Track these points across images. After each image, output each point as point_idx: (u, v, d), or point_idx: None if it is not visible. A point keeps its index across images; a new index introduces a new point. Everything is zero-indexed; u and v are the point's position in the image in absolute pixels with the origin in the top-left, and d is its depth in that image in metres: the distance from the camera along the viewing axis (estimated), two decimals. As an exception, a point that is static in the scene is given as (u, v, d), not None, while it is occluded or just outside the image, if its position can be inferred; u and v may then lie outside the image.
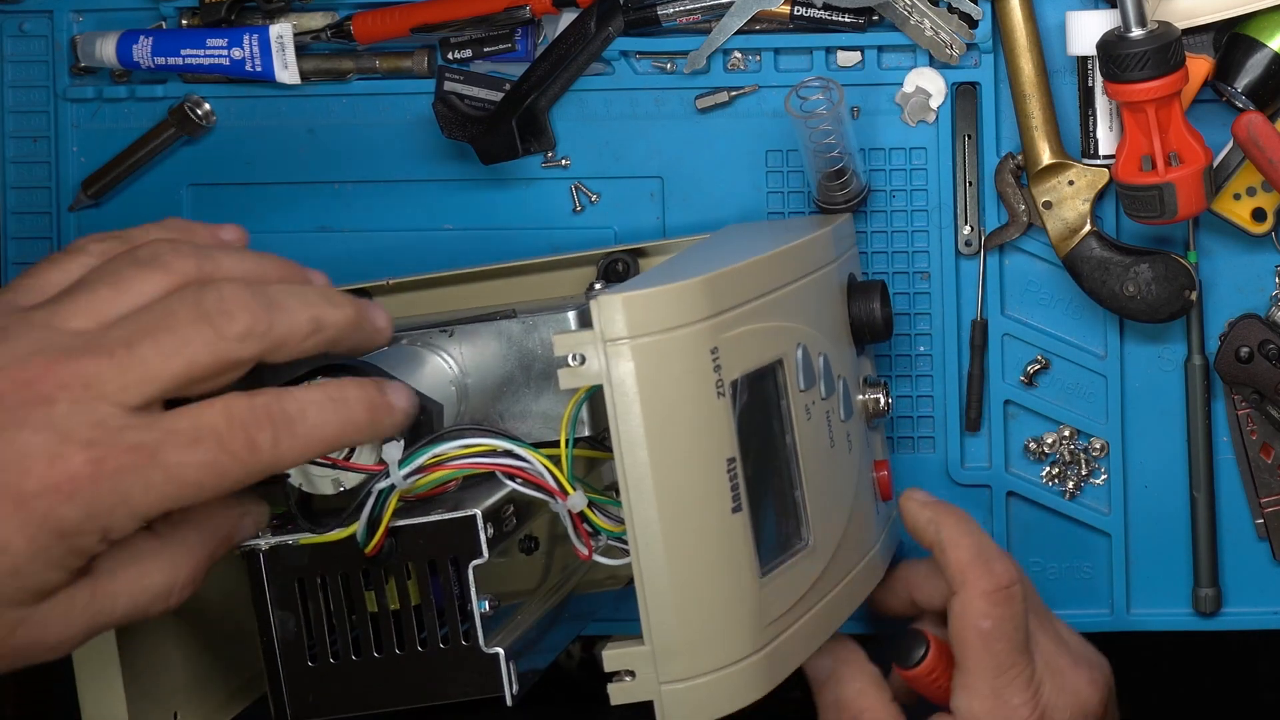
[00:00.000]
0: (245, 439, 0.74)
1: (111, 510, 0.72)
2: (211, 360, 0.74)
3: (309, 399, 0.77)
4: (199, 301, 0.75)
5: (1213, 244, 1.10)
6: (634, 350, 0.83)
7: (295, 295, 0.78)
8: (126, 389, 0.73)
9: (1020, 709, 0.96)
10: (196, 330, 0.74)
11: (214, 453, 0.74)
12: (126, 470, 0.72)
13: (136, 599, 0.77)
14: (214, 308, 0.75)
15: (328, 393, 0.78)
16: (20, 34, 1.15)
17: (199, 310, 0.75)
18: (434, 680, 0.86)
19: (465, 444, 0.85)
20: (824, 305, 0.98)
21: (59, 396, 0.72)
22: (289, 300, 0.77)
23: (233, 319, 0.75)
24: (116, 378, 0.73)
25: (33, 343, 0.73)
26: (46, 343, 0.73)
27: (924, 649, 0.98)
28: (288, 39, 1.12)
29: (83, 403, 0.72)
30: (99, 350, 0.73)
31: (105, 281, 0.76)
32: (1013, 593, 0.97)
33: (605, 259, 1.07)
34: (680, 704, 0.85)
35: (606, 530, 0.86)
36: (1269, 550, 1.11)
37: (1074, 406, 1.12)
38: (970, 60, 1.10)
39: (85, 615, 0.75)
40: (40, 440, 0.71)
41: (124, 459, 0.72)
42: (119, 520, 0.73)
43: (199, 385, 0.75)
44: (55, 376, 0.72)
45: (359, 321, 0.81)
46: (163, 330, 0.74)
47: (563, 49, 1.10)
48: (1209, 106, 1.09)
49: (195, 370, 0.74)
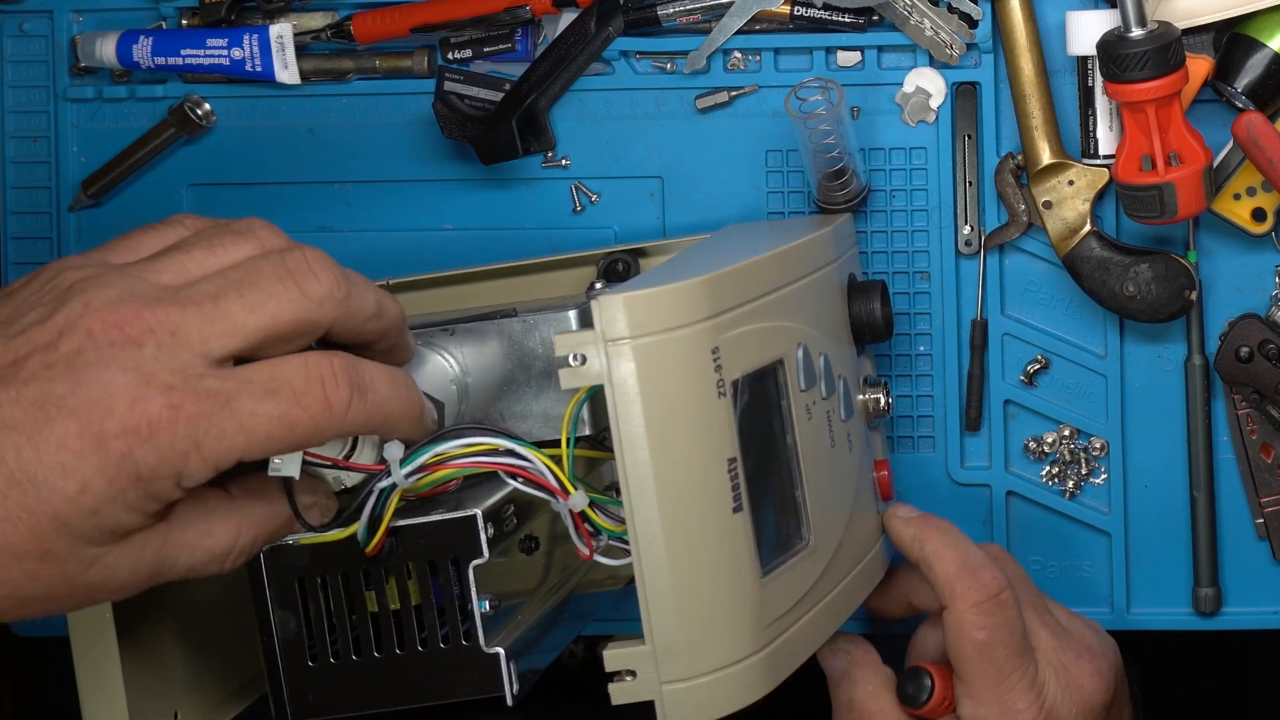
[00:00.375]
0: (320, 395, 0.76)
1: (185, 455, 0.74)
2: (293, 317, 0.77)
3: (380, 374, 0.79)
4: (284, 261, 0.77)
5: (1213, 244, 1.10)
6: (635, 350, 0.83)
7: (363, 278, 0.81)
8: (209, 340, 0.75)
9: (1025, 712, 0.96)
10: (281, 286, 0.77)
11: (287, 404, 0.75)
12: (202, 416, 0.74)
13: (197, 555, 0.79)
14: (298, 267, 0.77)
15: (394, 375, 0.80)
16: (20, 34, 1.15)
17: (284, 268, 0.77)
18: (434, 680, 0.86)
19: (467, 443, 0.85)
20: (824, 305, 0.98)
21: (146, 340, 0.74)
22: (359, 279, 0.80)
23: (316, 279, 0.77)
24: (201, 328, 0.75)
25: (125, 289, 0.75)
26: (138, 290, 0.75)
27: (929, 683, 0.99)
28: (288, 39, 1.12)
29: (167, 348, 0.74)
30: (186, 301, 0.75)
31: (199, 245, 0.78)
32: (1003, 599, 0.97)
33: (605, 259, 1.07)
34: (681, 704, 0.85)
35: (607, 530, 0.86)
36: (1269, 550, 1.11)
37: (1074, 406, 1.12)
38: (970, 60, 1.10)
39: (153, 562, 0.77)
40: (124, 381, 0.73)
41: (201, 405, 0.74)
42: (192, 466, 0.74)
43: (278, 345, 0.77)
44: (144, 321, 0.74)
45: (404, 325, 0.84)
46: (248, 285, 0.76)
47: (563, 49, 1.10)
48: (1209, 106, 1.09)
49: (277, 325, 0.76)
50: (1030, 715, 0.97)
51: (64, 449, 0.72)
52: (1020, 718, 0.96)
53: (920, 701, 0.99)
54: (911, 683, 0.99)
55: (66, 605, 0.76)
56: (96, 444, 0.72)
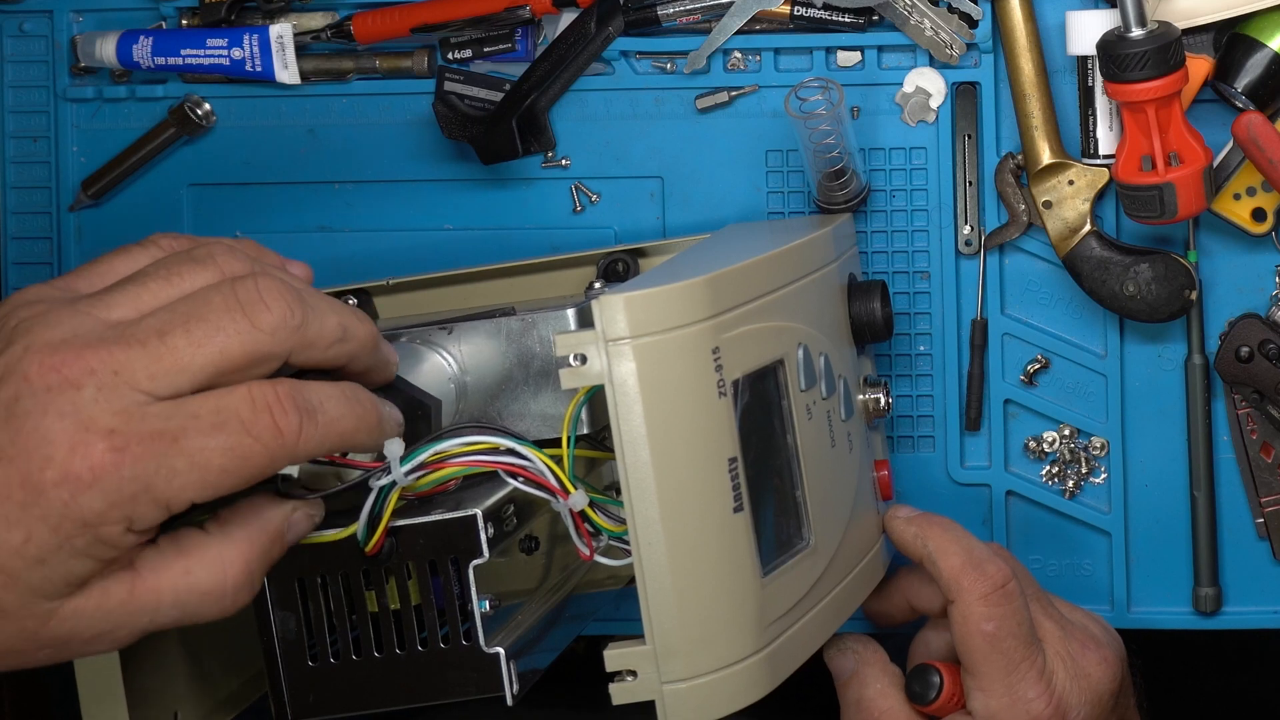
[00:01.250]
0: (269, 423, 0.74)
1: (134, 498, 0.72)
2: (242, 351, 0.74)
3: (328, 392, 0.77)
4: (234, 291, 0.75)
5: (1213, 244, 1.10)
6: (635, 350, 0.83)
7: (326, 300, 0.78)
8: (156, 378, 0.73)
9: (1035, 702, 0.97)
10: (230, 319, 0.74)
11: (238, 436, 0.73)
12: (148, 457, 0.72)
13: (182, 596, 0.76)
14: (248, 298, 0.75)
15: (343, 390, 0.78)
16: (20, 34, 1.15)
17: (234, 300, 0.75)
18: (434, 680, 0.86)
19: (466, 442, 0.85)
20: (824, 305, 0.98)
21: (85, 382, 0.72)
22: (321, 303, 0.78)
23: (267, 310, 0.75)
24: (147, 366, 0.73)
25: (69, 329, 0.73)
26: (82, 329, 0.73)
27: (937, 680, 0.99)
28: (288, 39, 1.12)
29: (109, 389, 0.72)
30: (131, 339, 0.73)
31: (156, 275, 0.76)
32: (1009, 590, 0.97)
33: (605, 259, 1.07)
34: (682, 703, 0.85)
35: (608, 530, 0.86)
36: (1269, 550, 1.11)
37: (1074, 406, 1.12)
38: (970, 60, 1.10)
39: (126, 610, 0.75)
40: (62, 427, 0.71)
41: (146, 446, 0.72)
42: (143, 509, 0.72)
43: (230, 377, 0.75)
44: (83, 362, 0.72)
45: (377, 343, 0.82)
46: (195, 319, 0.74)
47: (563, 49, 1.10)
48: (1209, 106, 1.09)
49: (226, 360, 0.74)
50: (1041, 704, 0.97)
51: (7, 500, 0.71)
52: (1031, 707, 0.97)
53: (929, 699, 0.99)
54: (919, 680, 0.99)
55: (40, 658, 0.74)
56: (37, 493, 0.71)
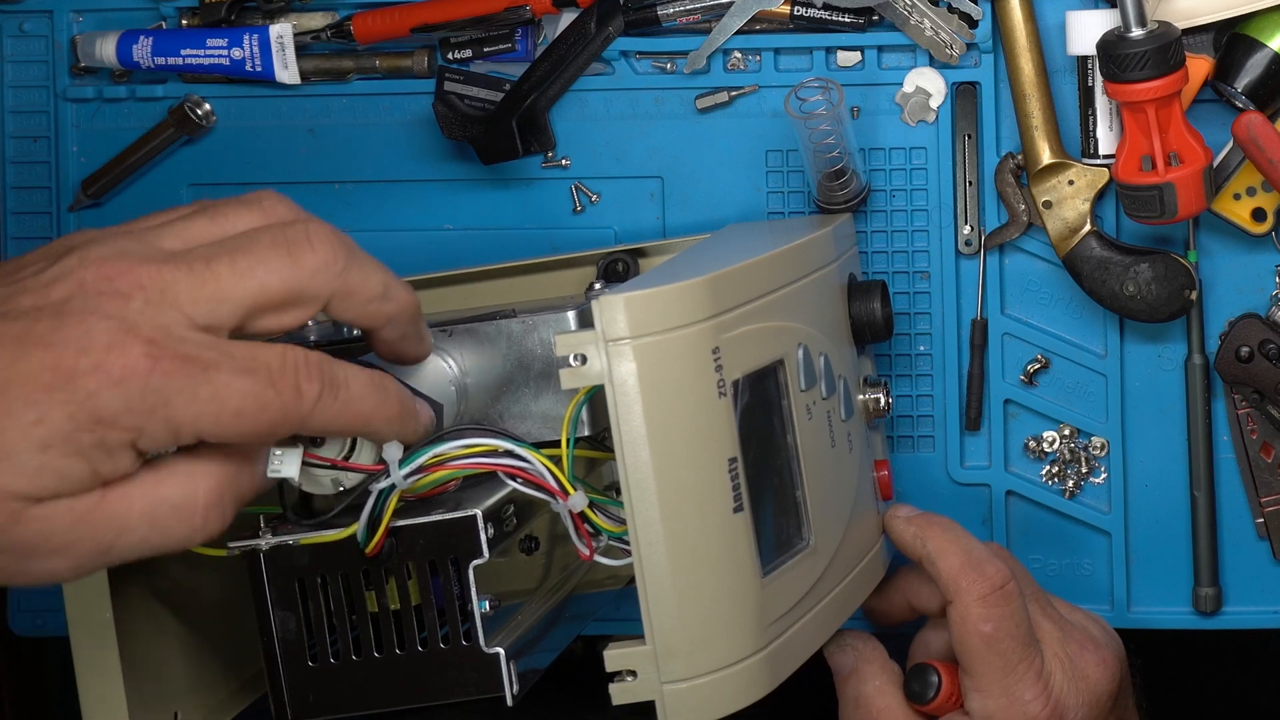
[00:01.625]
0: (294, 383, 0.76)
1: (151, 411, 0.73)
2: (282, 286, 0.76)
3: (355, 373, 0.79)
4: (283, 231, 0.77)
5: (1213, 244, 1.10)
6: (636, 350, 0.83)
7: (373, 259, 0.81)
8: (198, 302, 0.75)
9: (1032, 703, 0.97)
10: (274, 255, 0.76)
11: (262, 386, 0.75)
12: (176, 375, 0.73)
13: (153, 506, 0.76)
14: (295, 238, 0.77)
15: (372, 376, 0.80)
16: (20, 34, 1.15)
17: (281, 239, 0.77)
18: (434, 680, 0.86)
19: (466, 444, 0.85)
20: (825, 305, 0.98)
21: (134, 295, 0.74)
22: (367, 259, 0.80)
23: (312, 250, 0.77)
24: (191, 290, 0.75)
25: (123, 247, 0.75)
26: (134, 249, 0.75)
27: (936, 680, 0.99)
28: (288, 39, 1.12)
29: (154, 305, 0.74)
30: (180, 263, 0.75)
31: (203, 214, 0.79)
32: (1008, 591, 0.97)
33: (605, 259, 1.07)
34: (682, 704, 0.85)
35: (608, 530, 0.86)
36: (1269, 550, 1.11)
37: (1074, 406, 1.12)
38: (970, 60, 1.10)
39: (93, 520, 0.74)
40: (106, 326, 0.73)
41: (177, 365, 0.73)
42: (155, 426, 0.73)
43: (268, 315, 0.77)
44: (134, 276, 0.74)
45: (417, 312, 0.84)
46: (241, 252, 0.76)
47: (563, 49, 1.10)
48: (1209, 106, 1.09)
49: (266, 293, 0.76)
50: (1038, 706, 0.97)
51: (33, 382, 0.72)
52: (1028, 708, 0.97)
53: (927, 698, 0.99)
54: (918, 679, 0.99)
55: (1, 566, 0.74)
56: (66, 378, 0.72)
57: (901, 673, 1.01)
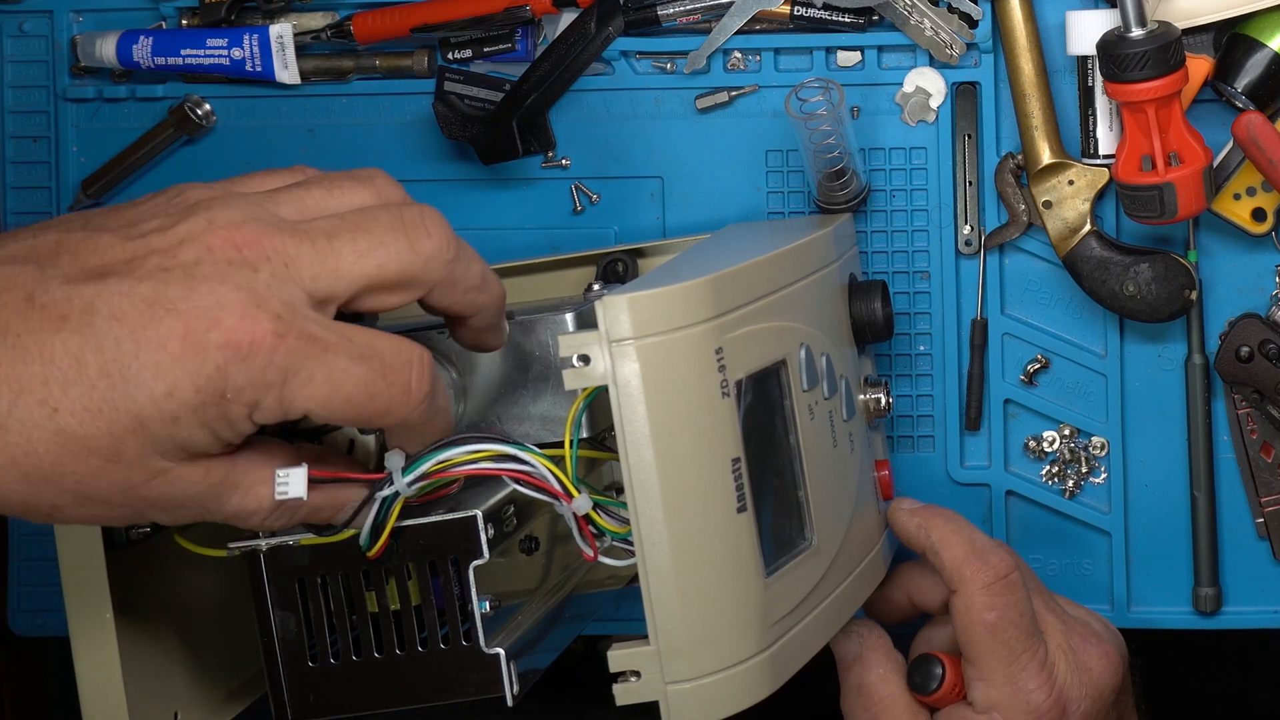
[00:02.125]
0: (405, 378, 0.77)
1: (269, 386, 0.74)
2: (399, 269, 0.77)
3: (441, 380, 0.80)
4: (400, 214, 0.78)
5: (1213, 244, 1.10)
6: (639, 351, 0.82)
7: (473, 250, 0.82)
8: (318, 278, 0.75)
9: (1036, 693, 0.97)
10: (393, 237, 0.77)
11: (375, 375, 0.76)
12: (298, 353, 0.74)
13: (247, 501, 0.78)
14: (413, 222, 0.78)
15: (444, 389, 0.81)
16: (20, 34, 1.15)
17: (399, 221, 0.78)
18: (434, 680, 0.86)
19: (470, 450, 0.85)
20: (826, 305, 0.98)
21: (262, 266, 0.74)
22: (470, 249, 0.81)
23: (429, 236, 0.78)
24: (312, 264, 0.75)
25: (248, 213, 0.76)
26: (260, 216, 0.76)
27: (939, 672, 0.99)
28: (288, 39, 1.12)
29: (280, 278, 0.74)
30: (303, 235, 0.76)
31: (319, 184, 0.80)
32: (1012, 580, 0.97)
33: (605, 259, 1.07)
34: (685, 704, 0.85)
35: (611, 532, 0.86)
36: (1269, 550, 1.11)
37: (1074, 406, 1.12)
38: (970, 60, 1.10)
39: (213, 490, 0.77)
40: (238, 298, 0.73)
41: (301, 342, 0.74)
42: (270, 400, 0.74)
43: (380, 295, 0.78)
44: (262, 247, 0.75)
45: (504, 306, 0.85)
46: (362, 231, 0.77)
47: (563, 49, 1.10)
48: (1209, 106, 1.09)
49: (383, 274, 0.77)
50: (1041, 695, 0.97)
51: (163, 349, 0.72)
52: (1031, 698, 0.97)
53: (930, 689, 0.99)
54: (921, 670, 0.99)
55: (121, 514, 0.76)
56: (196, 350, 0.72)
57: (905, 663, 1.01)
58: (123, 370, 0.72)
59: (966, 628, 0.97)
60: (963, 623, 0.97)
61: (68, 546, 0.88)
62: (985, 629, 0.97)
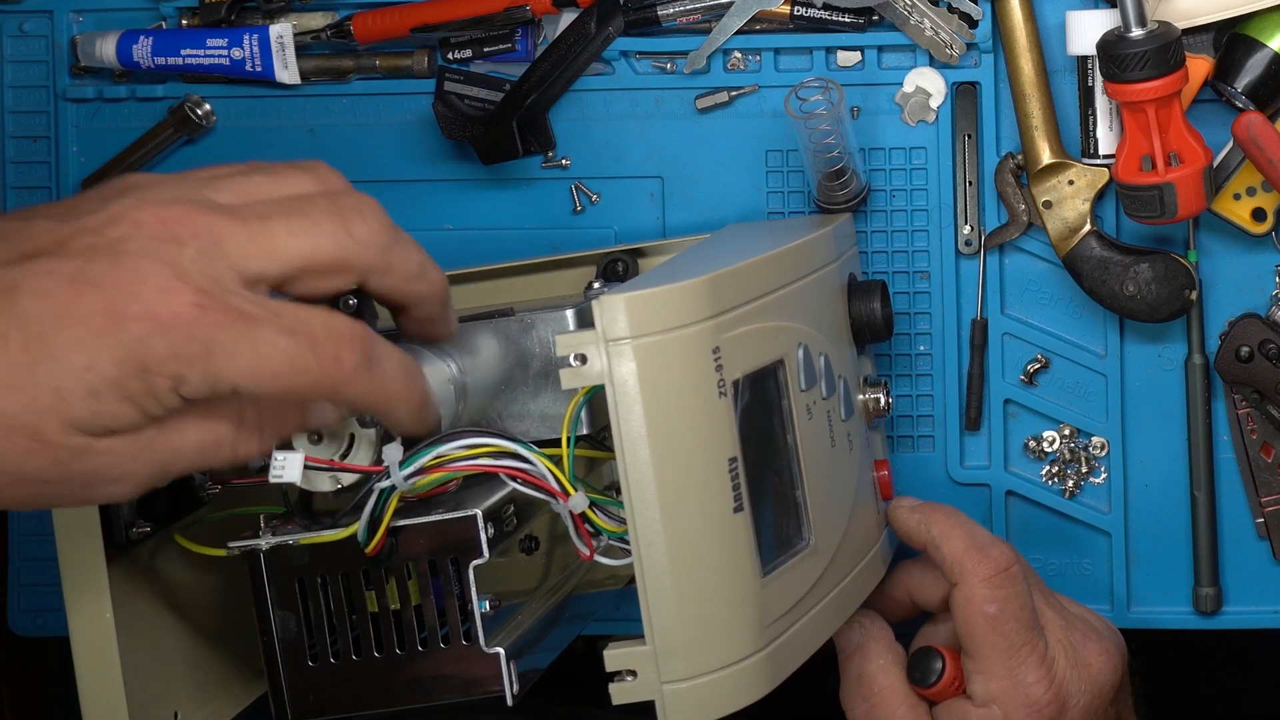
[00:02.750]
0: (334, 351, 0.76)
1: (193, 360, 0.73)
2: (332, 252, 0.78)
3: (393, 354, 0.80)
4: (336, 199, 0.79)
5: (1213, 244, 1.10)
6: (636, 350, 0.83)
7: (413, 239, 0.82)
8: (249, 257, 0.76)
9: (1035, 686, 0.97)
10: (329, 220, 0.78)
11: (303, 348, 0.76)
12: (223, 326, 0.74)
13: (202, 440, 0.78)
14: (349, 207, 0.79)
15: (405, 359, 0.81)
16: (20, 34, 1.15)
17: (335, 206, 0.79)
18: (434, 680, 0.86)
19: (467, 445, 0.85)
20: (825, 305, 0.98)
21: (189, 242, 0.74)
22: (408, 238, 0.82)
23: (364, 222, 0.79)
24: (244, 244, 0.76)
25: (182, 193, 0.76)
26: (192, 196, 0.76)
27: (939, 666, 0.99)
28: (288, 39, 1.12)
29: (208, 255, 0.75)
30: (235, 215, 0.76)
31: (262, 171, 0.80)
32: (1013, 573, 0.97)
33: (605, 259, 1.07)
34: (682, 703, 0.85)
35: (608, 531, 0.86)
36: (1269, 550, 1.11)
37: (1074, 406, 1.12)
38: (970, 60, 1.10)
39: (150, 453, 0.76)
40: (159, 271, 0.73)
41: (224, 317, 0.74)
42: (195, 375, 0.74)
43: (314, 279, 0.78)
44: (191, 224, 0.75)
45: (448, 296, 0.85)
46: (297, 214, 0.77)
47: (563, 49, 1.10)
48: (1209, 106, 1.09)
49: (316, 256, 0.77)
50: (1041, 689, 0.97)
51: (84, 325, 0.72)
52: (1030, 691, 0.97)
53: (929, 682, 0.99)
54: (921, 663, 0.99)
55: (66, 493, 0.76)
56: (116, 323, 0.72)
57: (906, 655, 1.01)
58: (44, 345, 0.72)
59: (967, 620, 0.97)
60: (963, 615, 0.97)
61: (68, 546, 0.88)
62: (985, 621, 0.97)
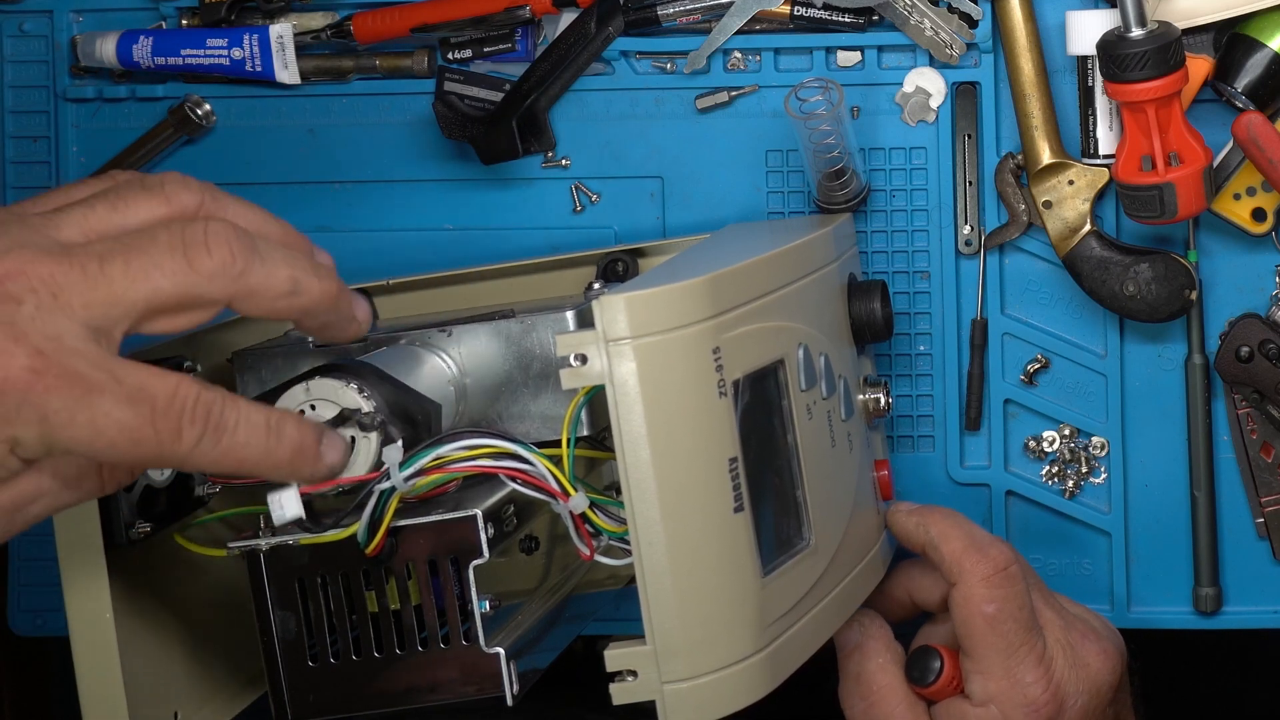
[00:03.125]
0: (175, 425, 0.73)
1: (25, 425, 0.71)
2: (175, 291, 0.73)
3: (249, 417, 0.75)
4: (181, 231, 0.74)
5: (1213, 244, 1.10)
6: (636, 350, 0.83)
7: (282, 253, 0.77)
8: (90, 306, 0.72)
9: (1033, 686, 0.97)
10: (169, 258, 0.73)
11: (142, 420, 0.72)
12: (58, 393, 0.71)
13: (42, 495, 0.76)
14: (192, 240, 0.74)
15: (268, 418, 0.76)
16: (20, 34, 1.15)
17: (178, 240, 0.73)
18: (434, 681, 0.86)
19: (467, 445, 0.85)
20: (825, 305, 0.98)
21: (27, 298, 0.71)
22: (274, 254, 0.76)
23: (208, 254, 0.73)
24: (85, 293, 0.72)
25: (18, 239, 0.72)
26: (31, 242, 0.72)
27: (938, 665, 0.99)
28: (288, 39, 1.12)
29: (46, 310, 0.71)
30: (73, 261, 0.72)
31: (105, 200, 0.76)
32: (1011, 573, 0.97)
33: (605, 259, 1.07)
34: (682, 703, 0.85)
35: (608, 531, 0.86)
36: (1269, 550, 1.11)
37: (1074, 406, 1.12)
38: (970, 60, 1.10)
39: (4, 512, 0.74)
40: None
41: (61, 382, 0.71)
42: (30, 438, 0.71)
43: (161, 319, 0.74)
44: (28, 277, 0.71)
45: (337, 302, 0.79)
46: (136, 252, 0.73)
47: (563, 49, 1.10)
48: (1209, 106, 1.09)
49: (159, 298, 0.73)
50: (1039, 689, 0.97)
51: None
52: (1028, 691, 0.97)
53: (928, 681, 0.99)
54: (920, 662, 0.99)
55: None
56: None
57: (905, 654, 1.01)
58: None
59: (965, 619, 0.97)
60: (961, 615, 0.97)
61: (68, 546, 0.88)
62: (984, 621, 0.97)
